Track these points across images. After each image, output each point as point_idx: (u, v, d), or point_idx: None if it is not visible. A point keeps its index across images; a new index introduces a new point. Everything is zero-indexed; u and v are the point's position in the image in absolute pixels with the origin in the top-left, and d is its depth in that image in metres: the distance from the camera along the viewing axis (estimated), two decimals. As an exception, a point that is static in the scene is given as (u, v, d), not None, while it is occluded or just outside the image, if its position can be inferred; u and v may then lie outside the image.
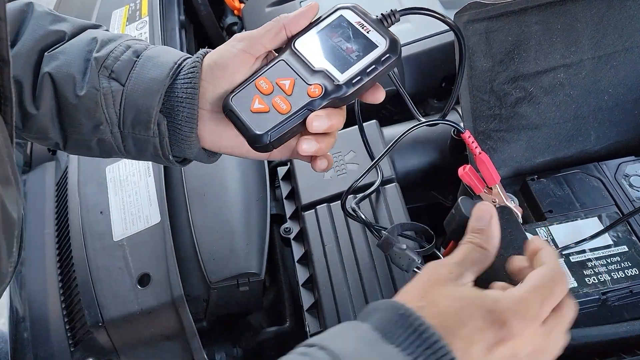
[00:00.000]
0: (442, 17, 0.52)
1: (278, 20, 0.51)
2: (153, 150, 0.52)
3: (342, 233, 0.67)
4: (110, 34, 0.54)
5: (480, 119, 0.64)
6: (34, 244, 0.79)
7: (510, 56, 0.62)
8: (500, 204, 0.62)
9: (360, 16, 0.51)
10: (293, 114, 0.48)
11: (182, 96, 0.49)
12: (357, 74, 0.48)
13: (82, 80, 0.50)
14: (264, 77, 0.50)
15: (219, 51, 0.51)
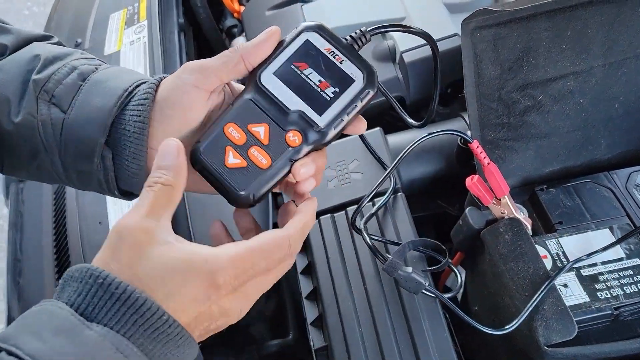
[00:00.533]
0: (415, 30, 0.48)
1: (235, 50, 0.45)
2: (97, 184, 0.47)
3: (346, 245, 0.65)
4: (58, 50, 0.48)
5: (488, 128, 0.63)
6: (31, 254, 0.78)
7: (519, 64, 0.60)
8: (509, 215, 0.61)
9: (329, 41, 0.45)
10: (275, 167, 0.44)
11: (129, 129, 0.44)
12: (337, 115, 0.44)
13: (18, 105, 0.45)
14: (232, 123, 0.44)
15: (169, 84, 0.45)
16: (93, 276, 0.34)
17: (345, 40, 0.46)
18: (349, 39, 0.46)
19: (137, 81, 0.46)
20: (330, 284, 0.63)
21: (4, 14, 2.40)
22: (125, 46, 0.92)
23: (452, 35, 0.77)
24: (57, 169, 0.47)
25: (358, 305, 0.61)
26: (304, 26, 0.46)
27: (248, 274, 0.39)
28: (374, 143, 0.71)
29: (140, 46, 0.91)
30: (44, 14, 2.42)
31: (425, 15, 0.79)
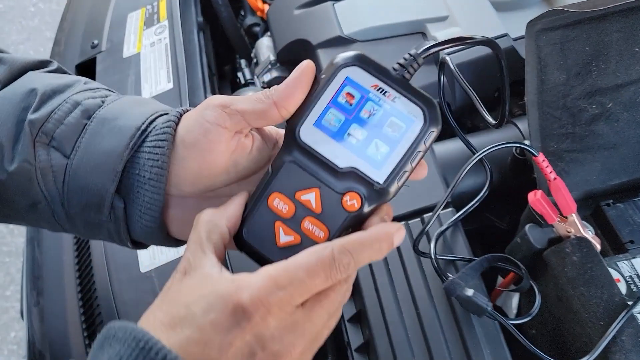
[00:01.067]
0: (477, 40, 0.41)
1: (267, 96, 0.38)
2: (107, 235, 0.41)
3: (394, 266, 0.60)
4: (57, 82, 0.41)
5: (551, 138, 0.57)
6: (52, 272, 0.73)
7: (588, 68, 0.55)
8: (576, 234, 0.56)
9: (374, 74, 0.37)
10: (332, 239, 0.37)
11: (145, 175, 0.38)
12: (399, 167, 0.37)
13: (12, 150, 0.38)
14: (277, 193, 0.37)
15: (190, 120, 0.38)
16: (136, 339, 0.30)
17: (394, 70, 0.38)
18: (397, 68, 0.38)
19: (151, 115, 0.40)
20: (379, 309, 0.58)
21: (10, 11, 2.35)
22: (146, 48, 0.87)
23: (502, 35, 0.71)
24: (60, 219, 0.41)
25: (410, 330, 0.57)
26: (341, 60, 0.38)
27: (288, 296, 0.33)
28: (419, 153, 0.66)
29: (161, 48, 0.86)
30: (50, 10, 2.38)
31: (470, 14, 0.74)
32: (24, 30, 2.31)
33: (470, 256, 0.61)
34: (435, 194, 0.64)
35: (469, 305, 0.54)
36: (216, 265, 0.34)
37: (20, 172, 0.38)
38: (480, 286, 0.58)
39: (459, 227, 0.62)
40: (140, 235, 0.40)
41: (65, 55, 0.96)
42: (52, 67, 0.45)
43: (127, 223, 0.40)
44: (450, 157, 0.68)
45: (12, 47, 2.25)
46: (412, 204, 0.63)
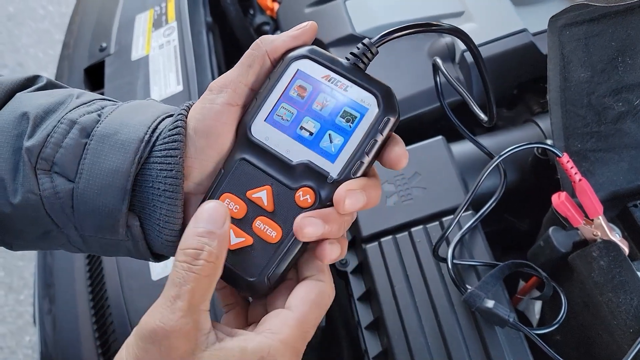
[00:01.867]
0: (443, 27, 0.37)
1: (258, 47, 0.37)
2: (126, 252, 0.39)
3: (412, 271, 0.58)
4: (47, 101, 0.38)
5: (575, 138, 0.55)
6: (64, 279, 0.72)
7: (614, 64, 0.52)
8: (602, 237, 0.53)
9: (325, 65, 0.36)
10: (288, 238, 0.35)
11: (159, 187, 0.36)
12: (353, 158, 0.35)
13: (13, 182, 0.36)
14: (228, 194, 0.36)
15: (198, 112, 0.37)
16: None
17: (346, 60, 0.37)
18: (350, 58, 0.37)
19: (152, 122, 0.37)
20: (397, 316, 0.56)
21: (19, 14, 2.36)
22: (154, 50, 0.86)
23: (520, 31, 0.69)
24: (75, 242, 0.39)
25: (429, 338, 0.55)
26: (290, 56, 0.37)
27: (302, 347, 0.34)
28: (436, 154, 0.64)
29: (170, 50, 0.84)
30: (59, 13, 2.38)
31: (487, 9, 0.72)
32: (33, 33, 2.31)
33: (490, 259, 0.59)
34: (454, 196, 0.62)
35: (490, 317, 0.52)
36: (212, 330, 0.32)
37: (25, 203, 0.36)
38: (502, 293, 0.56)
39: (479, 230, 0.60)
40: (162, 249, 0.38)
41: (73, 59, 0.95)
42: (40, 82, 0.42)
43: (145, 239, 0.38)
44: (468, 157, 0.66)
45: (22, 49, 2.25)
46: (431, 207, 0.61)
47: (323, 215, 0.34)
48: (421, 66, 0.73)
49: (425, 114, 0.71)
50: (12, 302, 1.65)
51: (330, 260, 0.35)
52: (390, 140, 0.36)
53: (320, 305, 0.34)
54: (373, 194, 0.36)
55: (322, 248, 0.35)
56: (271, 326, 0.33)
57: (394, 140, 0.36)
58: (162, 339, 0.29)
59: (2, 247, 0.42)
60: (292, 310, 0.33)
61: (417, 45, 0.74)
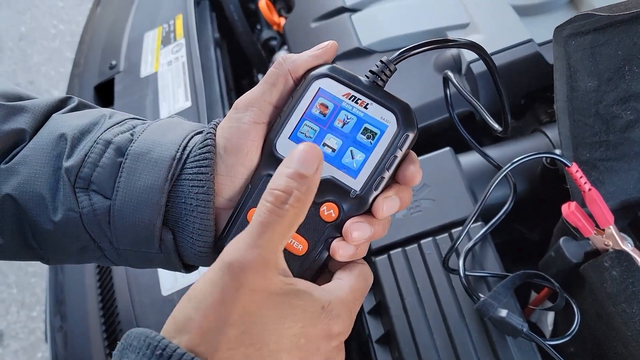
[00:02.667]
0: (459, 42, 0.38)
1: (280, 65, 0.39)
2: (160, 264, 0.41)
3: (423, 284, 0.58)
4: (83, 122, 0.40)
5: (583, 147, 0.55)
6: (75, 296, 0.73)
7: (621, 73, 0.52)
8: (614, 247, 0.53)
9: (346, 84, 0.38)
10: (314, 251, 0.37)
11: (191, 203, 0.38)
12: (375, 173, 0.36)
13: (54, 200, 0.38)
14: (255, 208, 0.36)
15: (226, 129, 0.39)
16: (151, 347, 0.29)
17: (366, 78, 0.38)
18: (369, 76, 0.38)
19: (183, 140, 0.39)
20: (408, 330, 0.56)
21: (31, 33, 2.40)
22: (163, 67, 0.87)
23: (526, 41, 0.69)
24: (111, 256, 0.41)
25: (441, 352, 0.54)
26: (312, 74, 0.38)
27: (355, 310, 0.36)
28: (444, 166, 0.64)
29: (178, 66, 0.85)
30: (70, 31, 2.41)
31: (492, 20, 0.72)
32: (45, 51, 2.35)
33: (501, 271, 0.58)
34: (463, 207, 0.61)
35: (503, 327, 0.52)
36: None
37: (66, 220, 0.38)
38: (513, 304, 0.55)
39: (489, 241, 0.60)
40: (194, 260, 0.40)
41: (84, 77, 0.96)
42: (72, 103, 0.44)
43: (178, 252, 0.40)
44: (477, 168, 0.65)
45: (34, 68, 2.29)
46: (440, 219, 0.61)
47: (368, 219, 0.37)
48: (428, 78, 0.73)
49: (432, 126, 0.71)
50: (24, 318, 1.66)
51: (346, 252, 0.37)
52: (407, 158, 0.37)
53: (365, 279, 0.36)
54: (406, 197, 0.38)
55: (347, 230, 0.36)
56: (329, 288, 0.35)
57: (409, 158, 0.37)
58: (239, 272, 0.30)
59: (15, 264, 0.43)
60: (343, 280, 0.36)
61: (423, 57, 0.74)
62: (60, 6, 2.50)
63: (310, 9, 0.87)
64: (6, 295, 1.70)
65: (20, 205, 0.38)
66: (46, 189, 0.38)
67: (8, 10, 2.51)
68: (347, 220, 0.36)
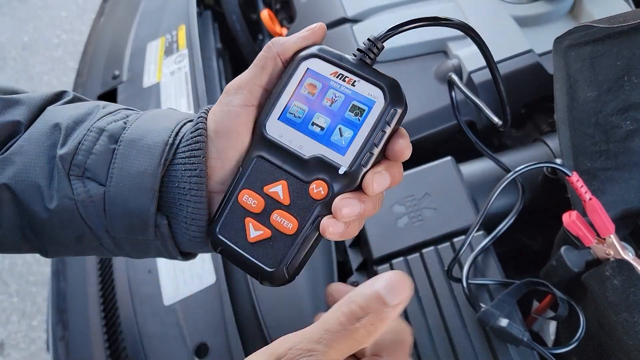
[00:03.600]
0: (449, 22, 0.38)
1: (269, 48, 0.39)
2: (156, 252, 0.42)
3: (425, 293, 0.58)
4: (77, 112, 0.41)
5: (584, 156, 0.55)
6: (77, 305, 0.73)
7: (620, 83, 0.53)
8: (615, 256, 0.53)
9: (333, 62, 0.38)
10: (304, 230, 0.37)
11: (184, 187, 0.38)
12: (363, 149, 0.36)
13: (49, 188, 0.38)
14: (246, 190, 0.38)
15: (217, 114, 0.39)
16: None
17: (353, 57, 0.38)
18: (357, 54, 0.38)
19: (175, 126, 0.40)
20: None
21: (33, 43, 2.41)
22: (166, 77, 0.87)
23: (526, 51, 0.69)
24: (107, 245, 0.41)
25: (443, 362, 0.54)
26: (300, 55, 0.38)
27: None
28: (445, 175, 0.64)
29: (181, 76, 0.86)
30: (73, 41, 2.43)
31: (493, 31, 0.73)
32: (47, 61, 2.36)
33: (503, 279, 0.58)
34: (465, 216, 0.62)
35: (504, 336, 0.52)
36: None
37: (61, 208, 0.38)
38: (515, 313, 0.55)
39: (491, 250, 0.60)
40: (189, 246, 0.41)
41: (87, 87, 0.97)
42: (67, 97, 0.45)
43: (173, 238, 0.40)
44: (478, 177, 0.66)
45: (36, 77, 2.30)
46: (442, 228, 0.61)
47: (358, 195, 0.36)
48: (428, 88, 0.73)
49: (433, 135, 0.72)
50: (25, 327, 1.66)
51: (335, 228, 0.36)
52: (396, 133, 0.37)
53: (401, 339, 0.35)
54: (396, 173, 0.37)
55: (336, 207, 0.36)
56: None
57: (398, 133, 0.37)
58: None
59: (17, 272, 0.43)
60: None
61: (424, 67, 0.75)
62: (63, 16, 2.52)
63: (311, 20, 0.88)
64: (7, 304, 1.70)
65: (16, 195, 0.39)
66: (41, 177, 0.38)
67: (11, 20, 2.52)
68: (337, 194, 0.36)
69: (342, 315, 0.30)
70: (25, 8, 2.57)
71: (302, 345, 0.29)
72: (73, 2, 2.57)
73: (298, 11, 0.92)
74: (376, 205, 0.37)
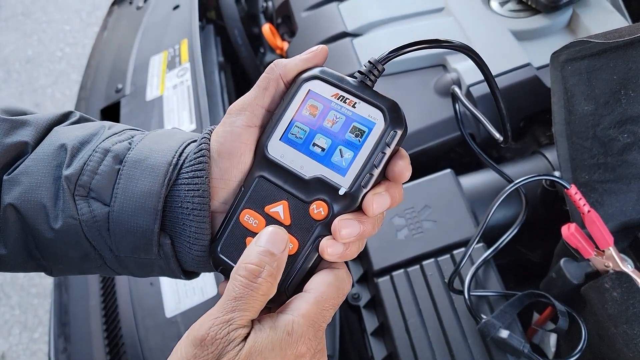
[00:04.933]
0: (449, 44, 0.38)
1: (272, 69, 0.39)
2: (159, 271, 0.42)
3: (425, 305, 0.58)
4: (83, 133, 0.41)
5: (582, 169, 0.56)
6: (79, 318, 0.73)
7: (617, 97, 0.53)
8: (614, 268, 0.53)
9: (334, 84, 0.38)
10: (304, 250, 0.37)
11: (187, 207, 0.38)
12: (363, 171, 0.36)
13: (54, 208, 0.39)
14: (247, 209, 0.38)
15: (220, 135, 0.39)
16: None
17: (354, 79, 0.38)
18: (358, 76, 0.38)
19: (179, 147, 0.40)
20: (411, 351, 0.56)
21: (37, 57, 2.43)
22: (168, 90, 0.88)
23: (524, 65, 0.70)
24: (111, 264, 0.41)
25: (444, 374, 0.54)
26: (302, 77, 0.39)
27: (323, 323, 0.35)
28: (445, 187, 0.65)
29: (183, 90, 0.87)
30: (76, 54, 2.45)
31: (491, 44, 0.73)
32: (51, 74, 2.38)
33: (503, 290, 0.59)
34: (464, 228, 0.62)
35: (505, 347, 0.52)
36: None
37: (66, 228, 0.39)
38: (515, 324, 0.55)
39: (490, 261, 0.60)
40: (192, 265, 0.41)
41: (90, 100, 0.98)
42: (74, 117, 0.45)
43: (177, 257, 0.40)
44: (477, 190, 0.66)
45: (40, 90, 2.32)
46: (442, 240, 0.62)
47: (358, 216, 0.36)
48: (428, 101, 0.74)
49: (433, 148, 0.72)
50: (26, 340, 1.66)
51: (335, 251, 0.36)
52: (396, 154, 0.37)
53: (338, 287, 0.36)
54: (396, 194, 0.37)
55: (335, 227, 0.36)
56: (292, 306, 0.35)
57: (398, 154, 0.37)
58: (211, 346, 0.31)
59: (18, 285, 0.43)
60: (310, 292, 0.35)
61: (423, 81, 0.76)
62: (67, 29, 2.55)
63: (312, 34, 0.89)
64: (9, 316, 1.70)
65: (22, 215, 0.39)
66: (47, 197, 0.39)
67: (16, 33, 2.55)
68: (337, 215, 0.36)
69: (244, 278, 0.33)
70: (30, 21, 2.60)
71: (220, 320, 0.32)
72: (77, 16, 2.60)
73: (299, 25, 0.93)
74: (376, 226, 0.37)
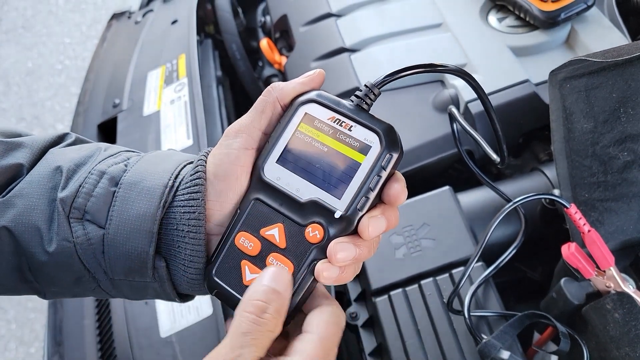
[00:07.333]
0: (445, 68, 0.38)
1: (269, 93, 0.39)
2: (154, 294, 0.41)
3: (423, 325, 0.58)
4: (78, 155, 0.41)
5: (582, 187, 0.55)
6: (73, 337, 0.72)
7: (616, 115, 0.53)
8: (616, 289, 0.53)
9: (331, 108, 0.38)
10: (299, 273, 0.36)
11: (183, 229, 0.38)
12: (359, 194, 0.36)
13: (48, 231, 0.38)
14: (243, 232, 0.38)
15: (217, 157, 0.39)
16: None
17: (350, 102, 0.38)
18: (354, 99, 0.38)
19: (175, 169, 0.40)
20: (410, 373, 0.55)
21: (37, 69, 2.44)
22: (166, 105, 0.88)
23: (523, 81, 0.70)
24: (105, 287, 0.41)
25: (443, 397, 0.53)
26: (299, 100, 0.39)
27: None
28: (444, 204, 0.64)
29: (181, 105, 0.86)
30: (76, 67, 2.46)
31: (489, 60, 0.73)
32: (51, 87, 2.38)
33: (502, 310, 0.58)
34: (463, 247, 0.61)
35: (505, 370, 0.51)
36: None
37: (60, 251, 0.38)
38: (515, 346, 0.54)
39: (490, 281, 0.60)
40: (187, 288, 0.40)
41: (87, 115, 0.98)
42: (70, 139, 0.45)
43: (171, 280, 0.40)
44: (476, 207, 0.66)
45: (39, 103, 2.32)
46: (440, 259, 0.61)
47: (354, 240, 0.36)
48: (426, 118, 0.74)
49: (431, 165, 0.72)
50: (23, 354, 1.64)
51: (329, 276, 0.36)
52: (392, 177, 0.37)
53: (337, 323, 0.36)
54: (392, 217, 0.37)
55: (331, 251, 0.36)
56: (297, 348, 0.34)
57: (394, 178, 0.37)
58: None
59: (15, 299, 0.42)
60: (312, 333, 0.35)
61: (421, 97, 0.75)
62: (67, 42, 2.55)
63: (310, 49, 0.89)
64: (5, 331, 1.68)
65: (16, 238, 0.38)
66: (42, 220, 0.38)
67: (16, 46, 2.56)
68: (333, 238, 0.36)
69: (250, 314, 0.32)
70: (30, 34, 2.61)
71: (229, 356, 0.31)
72: (77, 29, 2.61)
73: (297, 40, 0.93)
74: (372, 249, 0.37)
